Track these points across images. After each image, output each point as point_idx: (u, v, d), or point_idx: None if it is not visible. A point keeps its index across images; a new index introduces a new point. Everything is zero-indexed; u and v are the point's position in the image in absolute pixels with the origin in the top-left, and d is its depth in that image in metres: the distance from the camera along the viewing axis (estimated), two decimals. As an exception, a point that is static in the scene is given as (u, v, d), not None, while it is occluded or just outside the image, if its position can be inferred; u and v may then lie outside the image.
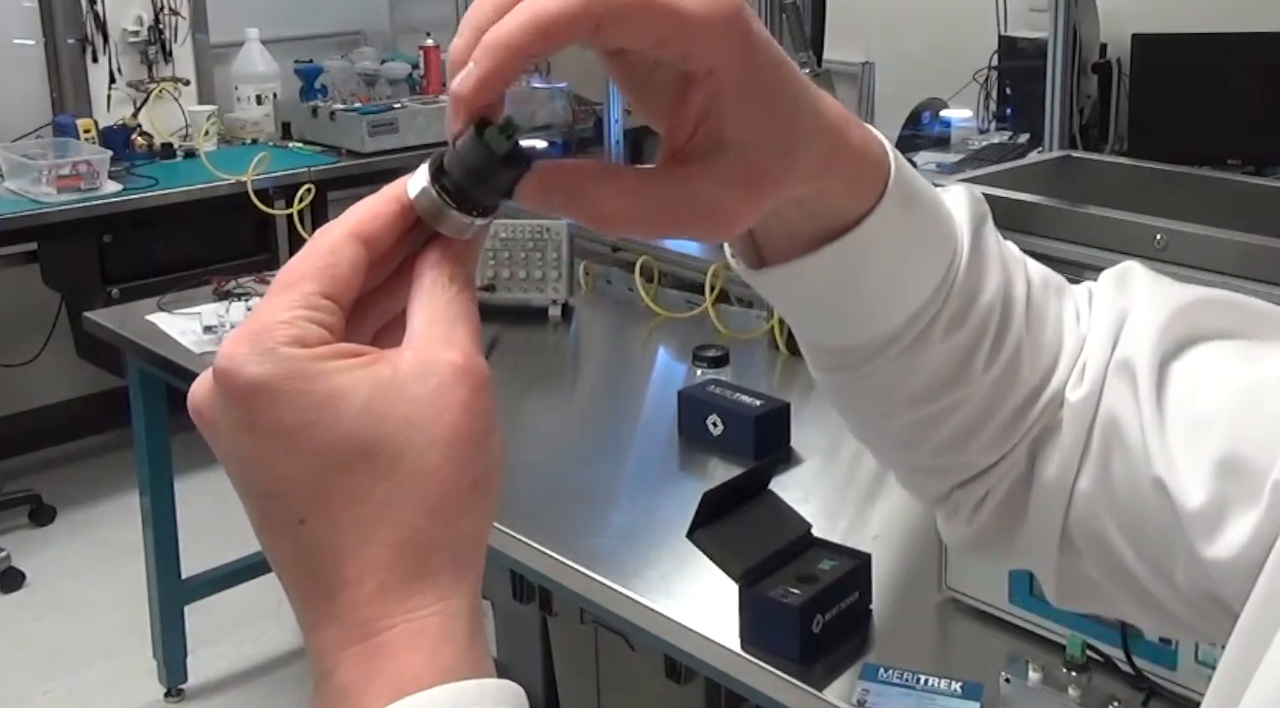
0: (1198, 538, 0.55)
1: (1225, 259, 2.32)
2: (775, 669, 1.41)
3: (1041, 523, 0.60)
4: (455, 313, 0.47)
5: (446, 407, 0.45)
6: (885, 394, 0.60)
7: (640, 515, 1.77)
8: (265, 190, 3.52)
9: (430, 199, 0.48)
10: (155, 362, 2.53)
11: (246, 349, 0.44)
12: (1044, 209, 2.61)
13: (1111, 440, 0.58)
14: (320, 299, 0.46)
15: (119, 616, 3.18)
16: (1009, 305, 0.59)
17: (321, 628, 0.45)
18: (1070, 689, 1.28)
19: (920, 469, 0.64)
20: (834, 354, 0.60)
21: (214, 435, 0.46)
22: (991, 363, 0.59)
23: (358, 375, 0.44)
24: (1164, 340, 0.58)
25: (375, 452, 0.44)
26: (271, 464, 0.44)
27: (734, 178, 0.49)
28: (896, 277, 0.57)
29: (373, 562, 0.44)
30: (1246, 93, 3.50)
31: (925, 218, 0.57)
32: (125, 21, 4.08)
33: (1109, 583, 0.60)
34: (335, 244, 0.47)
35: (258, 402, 0.44)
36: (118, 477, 3.61)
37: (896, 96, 4.29)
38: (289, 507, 0.45)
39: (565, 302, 2.52)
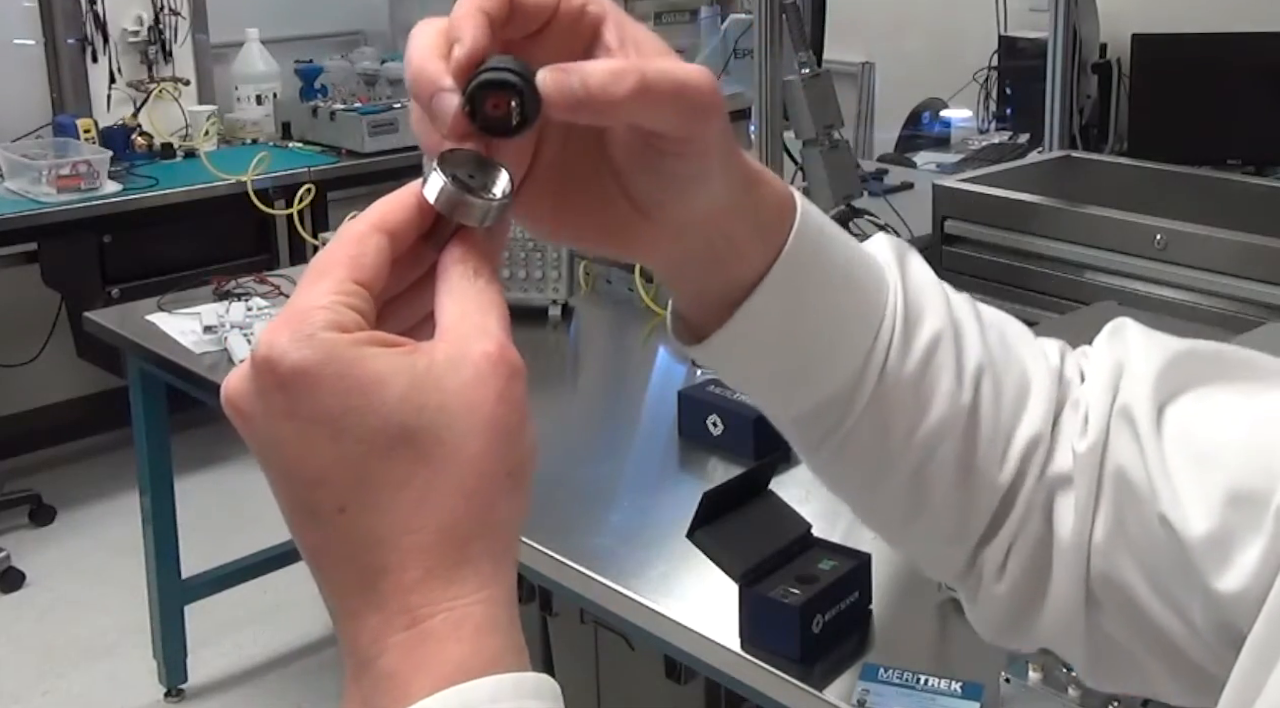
0: (1209, 571, 0.55)
1: (1225, 259, 2.32)
2: (775, 669, 1.41)
3: (1065, 579, 0.61)
4: (485, 304, 0.47)
5: (483, 397, 0.45)
6: (874, 451, 0.61)
7: (640, 515, 1.77)
8: (265, 190, 3.52)
9: (446, 192, 0.48)
10: (155, 362, 2.53)
11: (287, 336, 0.44)
12: (1044, 209, 2.61)
13: (1120, 487, 0.59)
14: (353, 285, 0.46)
15: (119, 616, 3.18)
16: (960, 331, 0.61)
17: (362, 616, 0.45)
18: (1070, 689, 1.28)
19: (936, 538, 0.65)
20: (812, 421, 0.61)
21: (250, 427, 0.46)
22: (959, 389, 0.60)
23: (396, 362, 0.45)
24: (1160, 386, 0.59)
25: (415, 438, 0.44)
26: (313, 452, 0.44)
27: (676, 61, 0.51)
28: (836, 308, 0.58)
29: (415, 549, 0.44)
30: (1246, 93, 3.50)
31: (845, 246, 0.59)
32: (125, 21, 4.08)
33: (1134, 640, 0.60)
34: (360, 235, 0.48)
35: (300, 388, 0.44)
36: (118, 477, 3.61)
37: (896, 96, 4.29)
38: (330, 495, 0.45)
39: (565, 302, 2.52)
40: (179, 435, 2.82)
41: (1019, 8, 3.92)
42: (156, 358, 2.51)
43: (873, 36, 4.38)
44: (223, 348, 2.42)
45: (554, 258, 2.50)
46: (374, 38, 4.71)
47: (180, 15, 4.16)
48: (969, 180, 2.83)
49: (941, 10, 4.26)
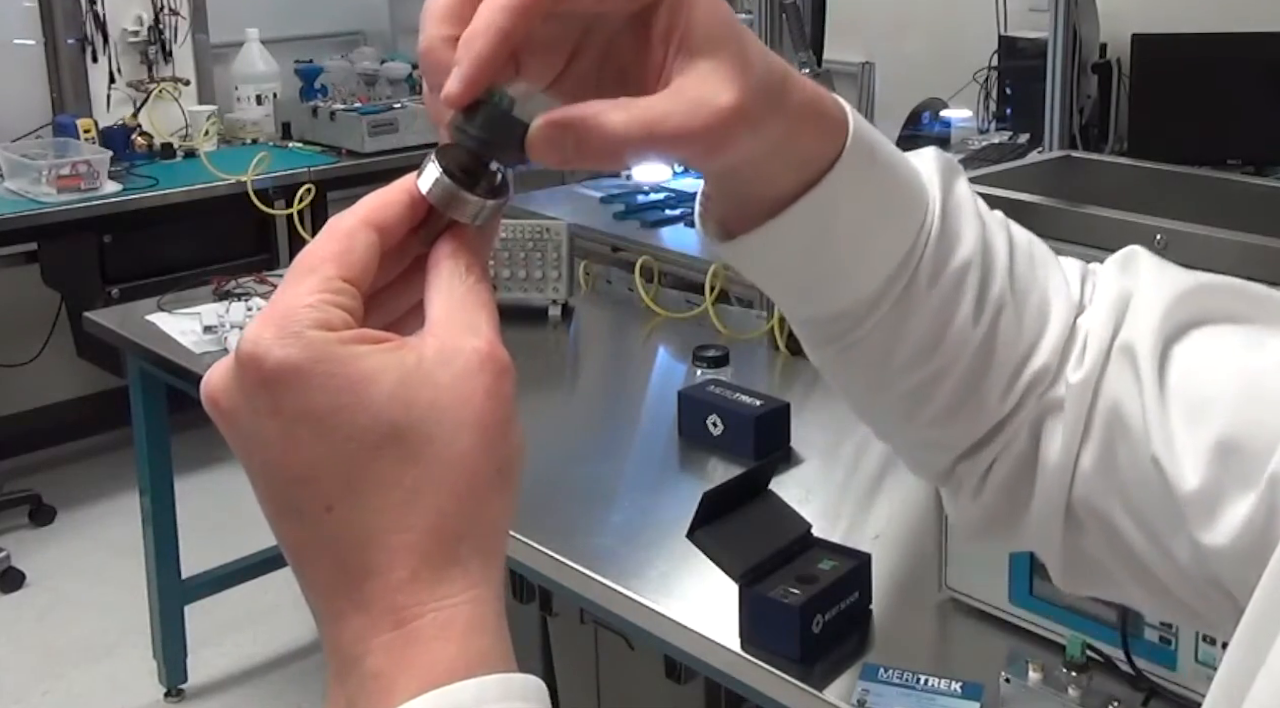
0: (1195, 523, 0.55)
1: (1225, 259, 2.32)
2: (775, 669, 1.41)
3: (1046, 501, 0.60)
4: (475, 301, 0.47)
5: (471, 393, 0.45)
6: (878, 362, 0.60)
7: (640, 515, 1.77)
8: (265, 190, 3.52)
9: (442, 187, 0.48)
10: (155, 362, 2.53)
11: (273, 333, 0.44)
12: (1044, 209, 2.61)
13: (1113, 422, 0.58)
14: (341, 283, 0.46)
15: (119, 616, 3.18)
16: (989, 260, 0.60)
17: (347, 617, 0.44)
18: (1070, 689, 1.28)
19: (920, 444, 0.65)
20: (823, 325, 0.60)
21: (232, 425, 0.45)
22: (978, 318, 0.59)
23: (385, 359, 0.44)
24: (1167, 323, 0.58)
25: (403, 436, 0.44)
26: (298, 450, 0.44)
27: (716, 71, 0.49)
28: (869, 232, 0.57)
29: (403, 548, 0.44)
30: (1246, 93, 3.50)
31: (891, 170, 0.57)
32: (125, 21, 4.08)
33: (1114, 563, 0.60)
34: (350, 230, 0.47)
35: (285, 386, 0.44)
36: (118, 477, 3.61)
37: (896, 96, 4.29)
38: (316, 493, 0.44)
39: (565, 302, 2.52)
40: (179, 435, 2.82)
41: (1019, 8, 3.92)
42: (156, 358, 2.51)
43: (873, 36, 4.38)
44: (223, 348, 2.42)
45: (554, 258, 2.50)
46: (374, 38, 4.72)
47: (180, 15, 4.16)
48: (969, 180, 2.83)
49: (941, 10, 4.26)
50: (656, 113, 0.48)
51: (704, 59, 0.49)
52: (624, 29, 0.51)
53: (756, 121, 0.50)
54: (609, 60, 0.52)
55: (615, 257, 2.72)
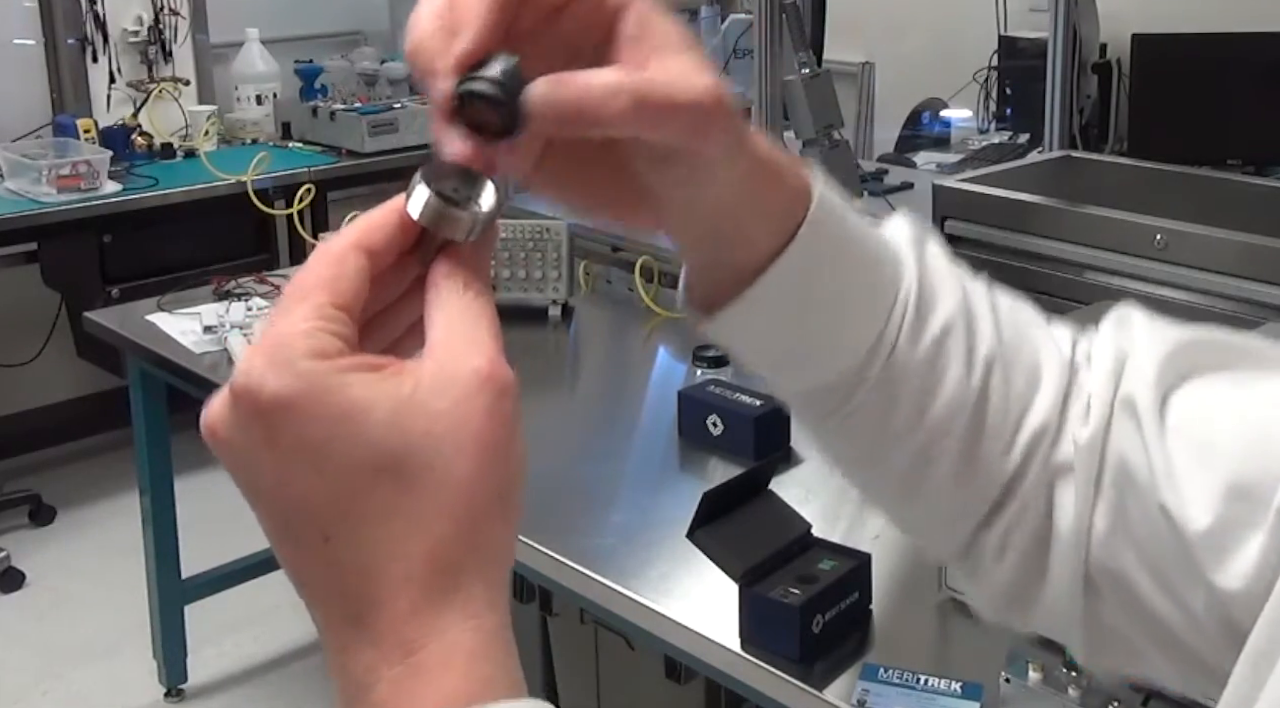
0: (1208, 565, 0.55)
1: (1225, 259, 2.32)
2: (775, 669, 1.41)
3: (1064, 566, 0.60)
4: (474, 318, 0.46)
5: (469, 416, 0.44)
6: (875, 431, 0.61)
7: (640, 515, 1.77)
8: (265, 190, 3.51)
9: (431, 208, 0.47)
10: (155, 362, 2.53)
11: (266, 364, 0.43)
12: (1044, 209, 2.61)
13: (1121, 477, 0.59)
14: (333, 309, 0.45)
15: (119, 616, 3.18)
16: (972, 320, 0.60)
17: (354, 650, 0.44)
18: (1070, 689, 1.28)
19: (935, 518, 0.65)
20: (816, 399, 0.61)
21: (231, 456, 0.45)
22: (969, 378, 0.60)
23: (380, 388, 0.44)
24: (1164, 376, 0.59)
25: (400, 466, 0.43)
26: (294, 482, 0.44)
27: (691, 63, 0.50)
28: (846, 295, 0.58)
29: (403, 579, 0.43)
30: (1246, 93, 3.50)
31: (861, 229, 0.58)
32: (125, 21, 4.08)
33: (1133, 629, 0.60)
34: (340, 255, 0.47)
35: (280, 418, 0.43)
36: (118, 477, 3.61)
37: (896, 96, 4.29)
38: (313, 525, 0.44)
39: (565, 302, 2.52)
40: (179, 435, 2.81)
41: (1019, 8, 3.92)
42: (156, 358, 2.51)
43: (873, 36, 4.38)
44: (223, 348, 2.42)
45: (554, 258, 2.50)
46: (374, 38, 4.71)
47: (180, 15, 4.16)
48: (969, 180, 2.83)
49: (941, 10, 4.26)
50: (648, 77, 0.49)
51: (680, 53, 0.50)
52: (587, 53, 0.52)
53: (729, 119, 0.51)
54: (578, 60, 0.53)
55: (615, 257, 2.72)
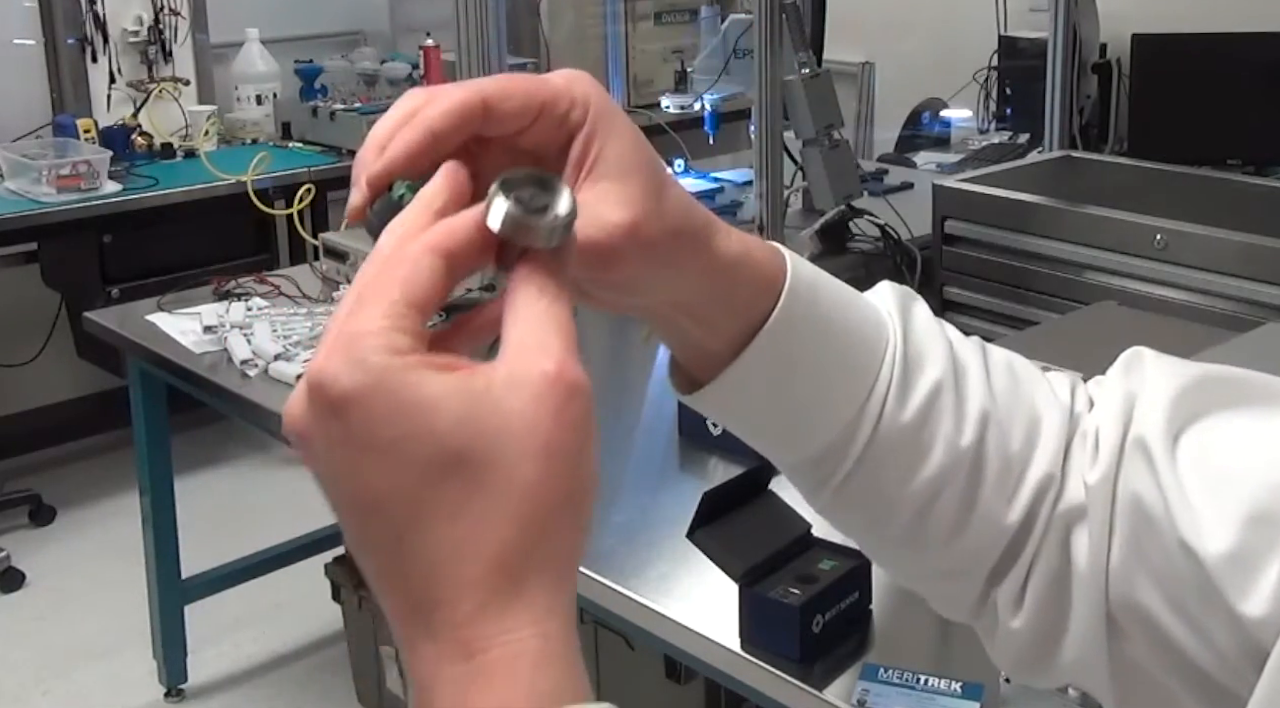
0: (1230, 593, 0.55)
1: (1225, 259, 2.32)
2: (775, 669, 1.41)
3: (1085, 609, 0.60)
4: (547, 323, 0.47)
5: (539, 419, 0.44)
6: (874, 495, 0.61)
7: (640, 515, 1.77)
8: (265, 190, 3.51)
9: (510, 219, 0.47)
10: (155, 362, 2.53)
11: (340, 361, 0.44)
12: (1044, 209, 2.61)
13: (1137, 516, 0.58)
14: (405, 308, 0.45)
15: (119, 616, 3.18)
16: (962, 378, 0.61)
17: (419, 645, 0.44)
18: (1070, 690, 1.28)
19: (941, 575, 0.65)
20: (811, 469, 0.62)
21: (310, 453, 0.45)
22: (960, 434, 0.60)
23: (450, 386, 0.44)
24: (1175, 414, 0.59)
25: (469, 464, 0.43)
26: (368, 480, 0.44)
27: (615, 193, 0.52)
28: (827, 367, 0.59)
29: (469, 581, 0.43)
30: (1246, 93, 3.50)
31: (839, 305, 0.60)
32: (125, 21, 4.08)
33: (1159, 666, 0.60)
34: (416, 256, 0.47)
35: (353, 414, 0.43)
36: (118, 477, 3.61)
37: (896, 96, 4.29)
38: (386, 523, 0.44)
39: (565, 302, 2.51)
40: (179, 435, 2.82)
41: (1019, 8, 3.92)
42: (156, 358, 2.51)
43: (873, 36, 4.38)
44: (223, 348, 2.42)
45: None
46: (374, 38, 4.71)
47: (180, 15, 4.16)
48: (969, 180, 2.83)
49: (941, 10, 4.26)
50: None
51: (608, 182, 0.52)
52: (555, 155, 0.53)
53: (649, 248, 0.53)
54: None
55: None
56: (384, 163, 0.50)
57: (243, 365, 2.33)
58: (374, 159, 0.50)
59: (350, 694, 2.87)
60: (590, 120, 0.52)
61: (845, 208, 2.70)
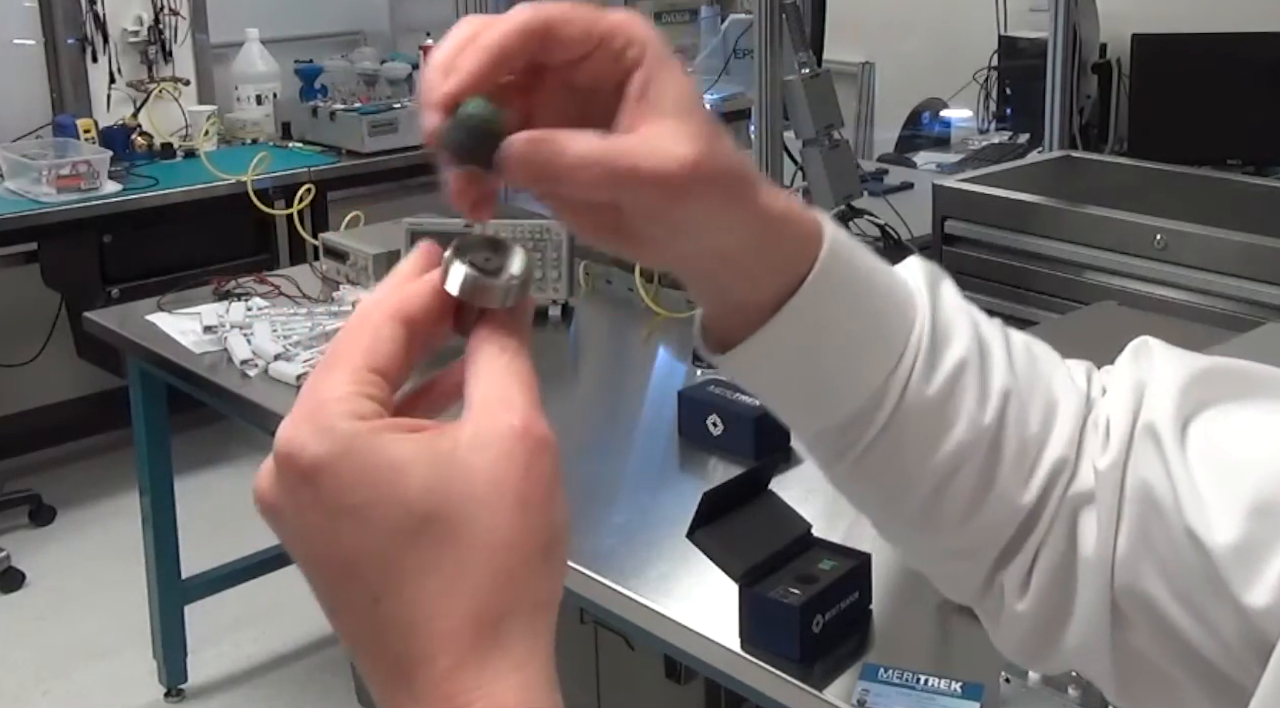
0: (1236, 583, 0.55)
1: (1225, 259, 2.33)
2: (775, 669, 1.41)
3: (1090, 595, 0.61)
4: (509, 379, 0.47)
5: (506, 475, 0.45)
6: (890, 468, 0.61)
7: (640, 515, 1.77)
8: (265, 190, 3.51)
9: (466, 281, 0.49)
10: (155, 362, 2.53)
11: (307, 429, 0.45)
12: (1044, 209, 2.61)
13: (1145, 503, 0.59)
14: (369, 374, 0.47)
15: (119, 616, 3.18)
16: (986, 356, 0.61)
17: (403, 706, 0.45)
18: (1070, 689, 1.28)
19: (953, 554, 0.65)
20: (831, 438, 0.62)
21: (280, 522, 0.46)
22: (982, 412, 0.60)
23: (416, 448, 0.45)
24: (1184, 403, 0.59)
25: (440, 523, 0.44)
26: (340, 543, 0.45)
27: (679, 129, 0.52)
28: (857, 336, 0.59)
29: (447, 637, 0.44)
30: (1246, 93, 3.50)
31: (873, 275, 0.60)
32: (125, 21, 4.08)
33: (1162, 655, 0.60)
34: (377, 324, 0.48)
35: (322, 480, 0.44)
36: (118, 477, 3.61)
37: (896, 96, 4.29)
38: (361, 586, 0.45)
39: (565, 302, 2.52)
40: (179, 435, 2.81)
41: (1019, 8, 3.92)
42: (156, 358, 2.51)
43: (873, 36, 4.38)
44: (223, 348, 2.42)
45: (554, 258, 2.50)
46: (374, 38, 4.71)
47: (180, 15, 4.16)
48: (969, 180, 2.83)
49: (941, 10, 4.26)
50: (620, 145, 0.52)
51: (671, 119, 0.52)
52: (604, 87, 0.54)
53: (709, 186, 0.53)
54: (586, 110, 0.55)
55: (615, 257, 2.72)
56: (454, 81, 0.50)
57: (243, 365, 2.33)
58: (440, 81, 0.51)
59: (350, 694, 2.87)
60: (648, 60, 0.53)
61: (845, 208, 2.70)
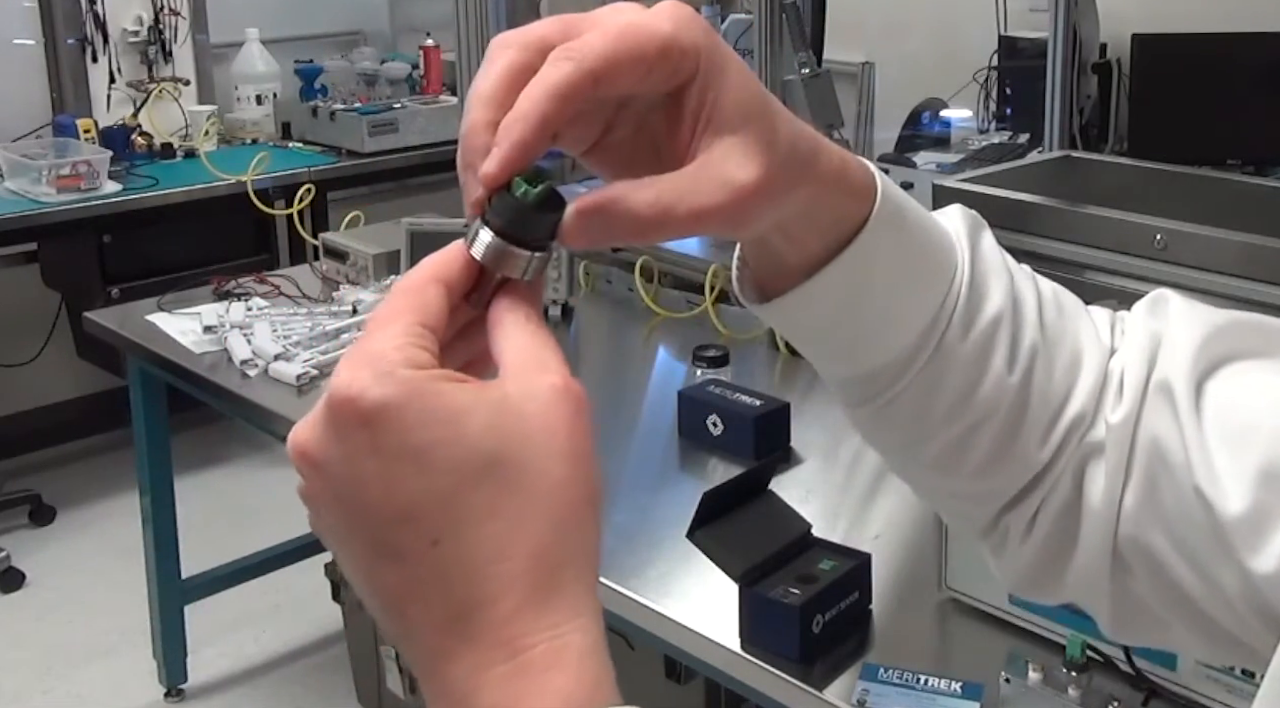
0: (1243, 549, 0.55)
1: (1225, 259, 2.32)
2: (775, 669, 1.41)
3: (1092, 543, 0.61)
4: (542, 343, 0.48)
5: (557, 424, 0.46)
6: (916, 417, 0.61)
7: (640, 515, 1.77)
8: (265, 190, 3.51)
9: (494, 248, 0.50)
10: (155, 362, 2.53)
11: (367, 374, 0.45)
12: (1044, 209, 2.61)
13: (1154, 459, 0.59)
14: (421, 329, 0.47)
15: (119, 616, 3.18)
16: (1019, 312, 0.61)
17: (457, 654, 0.44)
18: (1070, 689, 1.28)
19: (964, 497, 0.65)
20: (861, 384, 0.62)
21: (324, 475, 0.46)
22: (1011, 368, 0.60)
23: (475, 394, 0.45)
24: (1200, 360, 0.59)
25: (502, 466, 0.45)
26: (401, 487, 0.44)
27: (739, 148, 0.51)
28: (901, 290, 0.59)
29: (509, 578, 0.44)
30: (1246, 93, 3.50)
31: (919, 230, 0.59)
32: (125, 21, 4.08)
33: (1161, 604, 0.61)
34: (421, 284, 0.49)
35: (384, 424, 0.44)
36: (118, 477, 3.61)
37: (896, 96, 4.29)
38: (420, 529, 0.45)
39: (565, 302, 2.52)
40: (179, 435, 2.81)
41: (1019, 8, 3.92)
42: (156, 358, 2.51)
43: (873, 36, 4.38)
44: (223, 348, 2.42)
45: (554, 258, 2.49)
46: (374, 38, 4.71)
47: (180, 15, 4.16)
48: (969, 180, 2.83)
49: (941, 10, 4.26)
50: (679, 189, 0.50)
51: (730, 135, 0.51)
52: (658, 105, 0.53)
53: (779, 195, 0.52)
54: (642, 133, 0.54)
55: (615, 257, 2.72)
56: (501, 163, 0.48)
57: (243, 365, 2.33)
58: (482, 136, 0.49)
59: (350, 694, 2.87)
60: (703, 71, 0.51)
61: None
